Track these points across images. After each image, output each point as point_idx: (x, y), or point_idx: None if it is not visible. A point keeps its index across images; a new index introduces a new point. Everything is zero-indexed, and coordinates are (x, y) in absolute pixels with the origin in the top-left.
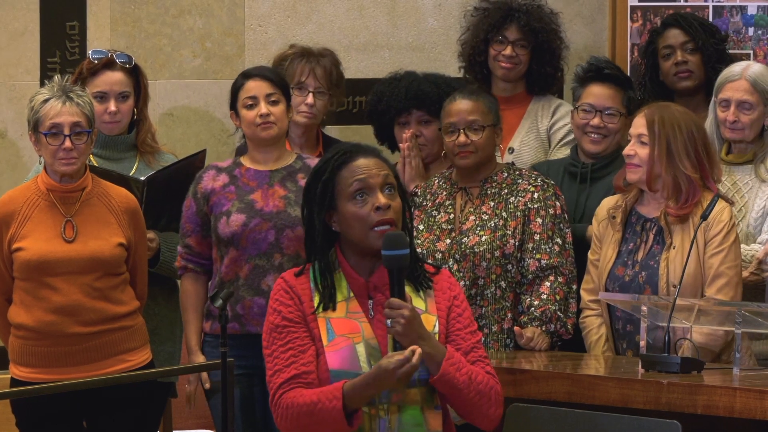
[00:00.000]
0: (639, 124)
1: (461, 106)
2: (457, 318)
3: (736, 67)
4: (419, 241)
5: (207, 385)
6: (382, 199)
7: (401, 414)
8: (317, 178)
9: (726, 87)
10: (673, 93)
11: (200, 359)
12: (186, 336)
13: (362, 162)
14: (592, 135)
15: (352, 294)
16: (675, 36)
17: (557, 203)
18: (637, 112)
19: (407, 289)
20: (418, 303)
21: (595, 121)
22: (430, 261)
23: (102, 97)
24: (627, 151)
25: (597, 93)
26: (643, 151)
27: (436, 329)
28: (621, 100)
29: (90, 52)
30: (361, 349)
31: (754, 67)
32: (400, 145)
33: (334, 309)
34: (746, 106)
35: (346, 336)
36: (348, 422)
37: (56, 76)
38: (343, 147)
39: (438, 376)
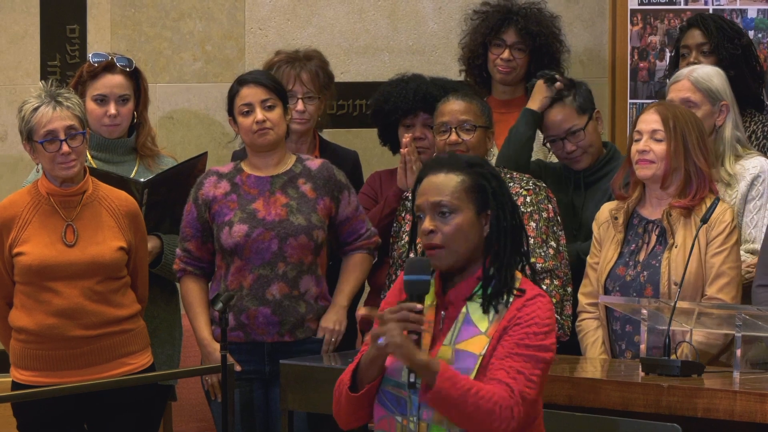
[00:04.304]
0: (651, 120)
1: (454, 106)
2: (513, 328)
3: (684, 70)
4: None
5: (238, 367)
6: (426, 223)
7: (430, 430)
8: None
9: (670, 89)
10: None
11: (216, 347)
12: (196, 330)
13: (425, 182)
14: (573, 158)
15: (434, 303)
16: (694, 36)
17: (550, 206)
18: (644, 110)
19: (475, 308)
20: (482, 324)
21: (568, 147)
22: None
23: (102, 100)
24: (641, 147)
25: (551, 120)
26: (659, 147)
27: (484, 351)
28: (575, 110)
29: (90, 55)
30: None
31: (700, 69)
32: (402, 150)
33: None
34: (690, 105)
35: None
36: (353, 388)
37: (41, 82)
38: (426, 162)
39: (430, 395)
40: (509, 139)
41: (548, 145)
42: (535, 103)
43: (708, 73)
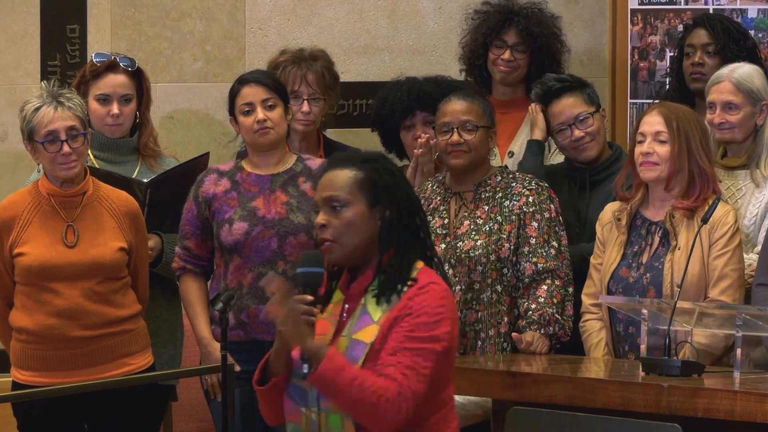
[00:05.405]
0: (655, 122)
1: (456, 106)
2: (404, 318)
3: (724, 70)
4: None
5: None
6: (318, 218)
7: (328, 419)
8: None
9: (712, 90)
10: (692, 91)
11: (216, 347)
12: (196, 329)
13: (323, 178)
14: (581, 146)
15: (342, 298)
16: (699, 36)
17: (552, 206)
18: (647, 111)
19: (371, 299)
20: (376, 314)
21: (576, 133)
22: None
23: (105, 99)
24: (644, 149)
25: (560, 109)
26: (663, 149)
27: (373, 339)
28: (584, 100)
29: (93, 54)
30: None
31: (740, 69)
32: (414, 151)
33: (323, 311)
34: (731, 106)
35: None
36: (261, 382)
37: (43, 82)
38: (328, 159)
39: (314, 376)
40: (520, 168)
41: (555, 135)
42: (537, 133)
43: (749, 73)
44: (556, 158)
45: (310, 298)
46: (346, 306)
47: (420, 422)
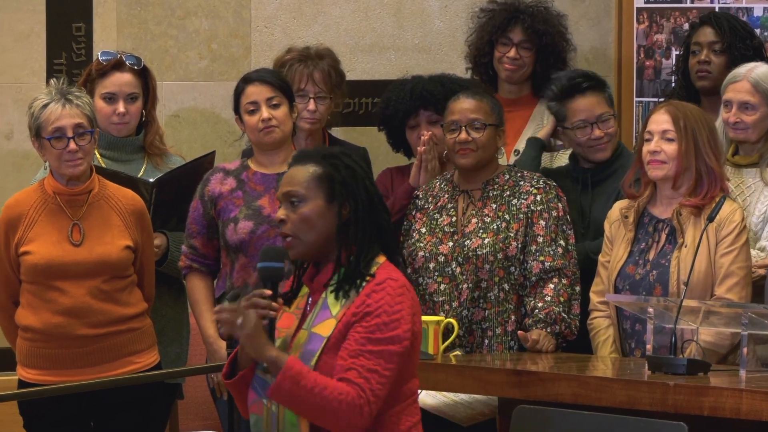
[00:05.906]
0: (662, 121)
1: (464, 104)
2: (364, 318)
3: (741, 69)
4: (422, 245)
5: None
6: (278, 213)
7: (285, 412)
8: None
9: (729, 88)
10: (698, 90)
11: (222, 345)
12: (202, 327)
13: (286, 173)
14: (598, 145)
15: (307, 291)
16: (706, 34)
17: (559, 205)
18: (654, 110)
19: (331, 294)
20: (335, 309)
21: (596, 133)
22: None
23: (111, 98)
24: (652, 147)
25: (584, 106)
26: (670, 147)
27: (330, 334)
28: (606, 101)
29: (99, 53)
30: (279, 342)
31: (758, 69)
32: (419, 148)
33: (290, 305)
34: (748, 106)
35: (280, 329)
36: (229, 376)
37: (52, 80)
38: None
39: (271, 391)
40: (517, 163)
41: (574, 131)
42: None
43: (766, 74)
44: (560, 160)
45: (268, 292)
46: (310, 299)
47: (379, 414)
